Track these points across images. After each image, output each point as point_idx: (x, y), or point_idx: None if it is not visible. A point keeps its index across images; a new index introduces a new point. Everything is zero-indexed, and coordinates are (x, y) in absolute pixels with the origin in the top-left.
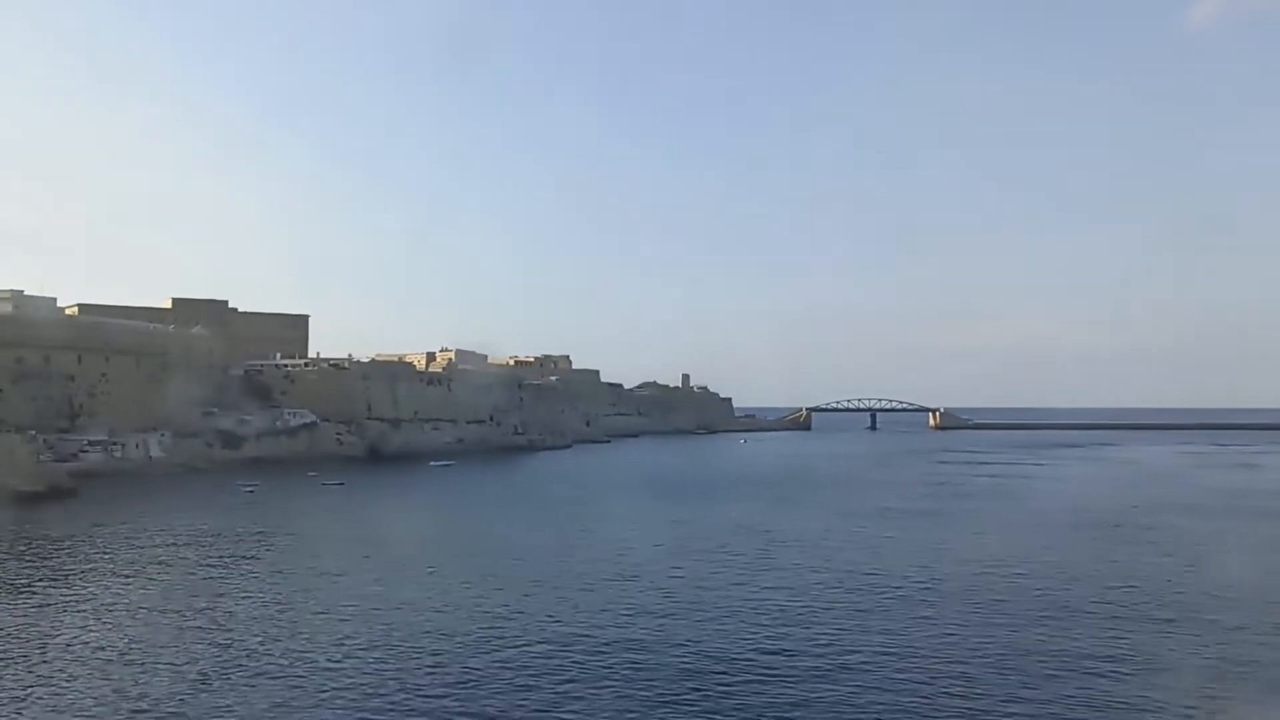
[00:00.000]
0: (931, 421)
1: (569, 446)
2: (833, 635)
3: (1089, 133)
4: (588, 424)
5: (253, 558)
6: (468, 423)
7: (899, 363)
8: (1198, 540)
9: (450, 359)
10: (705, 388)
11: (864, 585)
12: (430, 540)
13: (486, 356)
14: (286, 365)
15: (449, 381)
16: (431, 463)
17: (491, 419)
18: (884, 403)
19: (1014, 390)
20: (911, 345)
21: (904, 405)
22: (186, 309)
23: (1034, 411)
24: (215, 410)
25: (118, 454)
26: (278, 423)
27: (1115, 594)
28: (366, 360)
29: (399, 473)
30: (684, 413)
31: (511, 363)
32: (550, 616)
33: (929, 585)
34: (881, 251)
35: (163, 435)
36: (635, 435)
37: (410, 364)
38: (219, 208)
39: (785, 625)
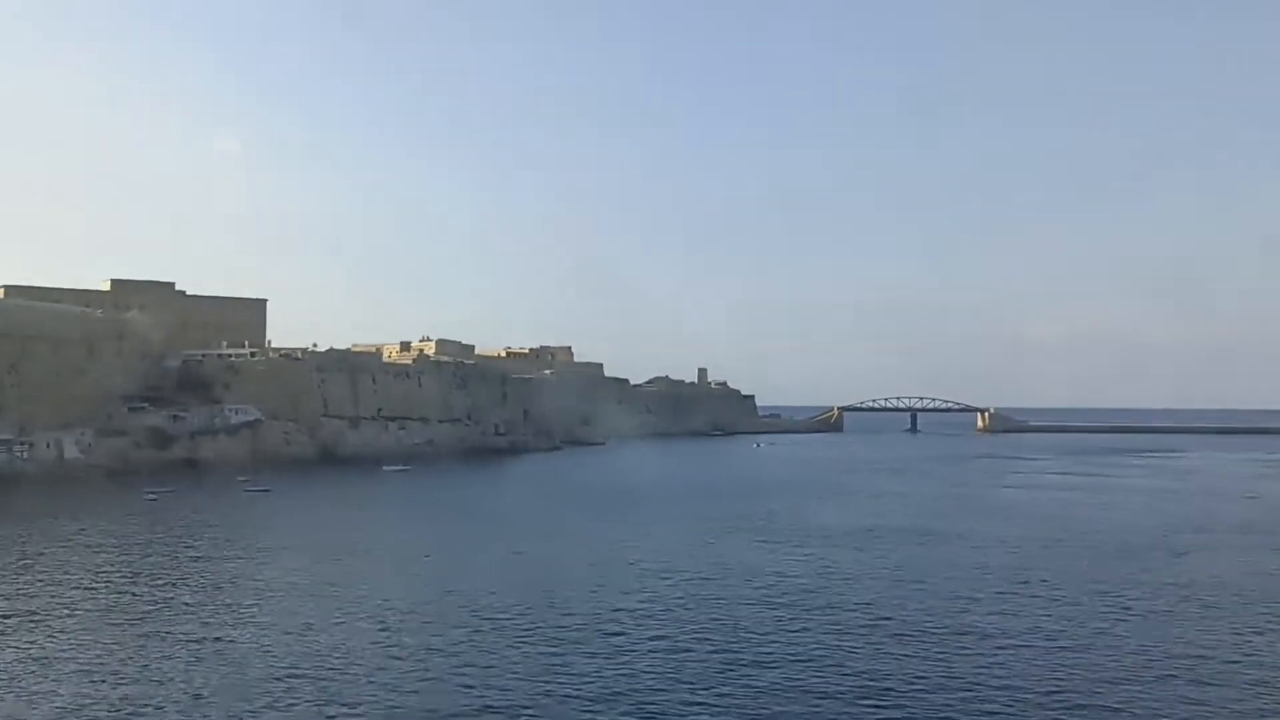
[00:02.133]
0: (980, 423)
1: (557, 449)
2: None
3: (1171, 104)
4: (585, 423)
5: (76, 586)
6: (440, 421)
7: (944, 358)
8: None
9: (423, 350)
10: (724, 384)
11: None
12: (299, 568)
13: (474, 348)
14: (230, 355)
15: (420, 375)
16: (385, 467)
17: (469, 417)
18: (926, 402)
19: (1077, 388)
20: (959, 338)
21: (949, 405)
22: (126, 291)
23: (1098, 413)
24: (146, 405)
25: (24, 455)
26: (216, 420)
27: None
28: (324, 351)
29: (344, 479)
30: (699, 412)
31: (503, 354)
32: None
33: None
34: (927, 236)
35: (82, 433)
36: (640, 437)
37: (375, 355)
38: (174, 181)
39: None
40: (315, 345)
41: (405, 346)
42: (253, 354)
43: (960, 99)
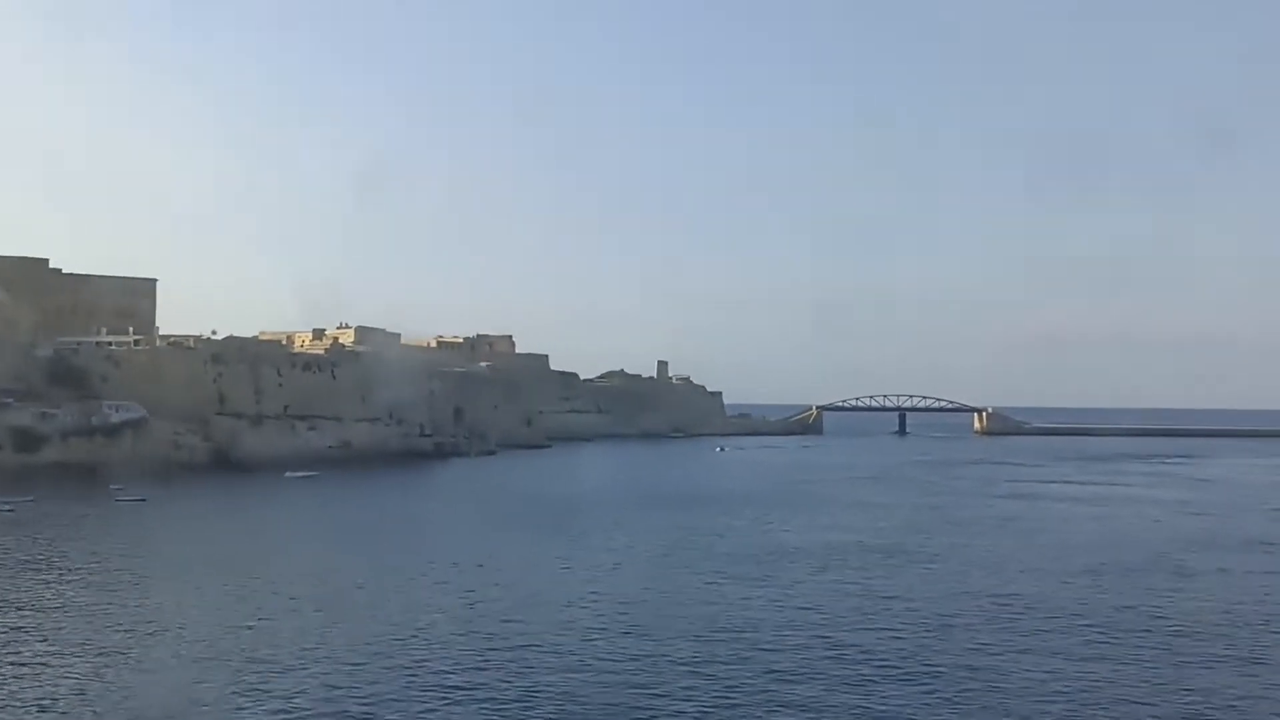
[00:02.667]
0: (977, 424)
1: (492, 453)
2: None
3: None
4: (527, 424)
5: None
6: (357, 421)
7: (939, 352)
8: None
9: (338, 339)
10: (688, 379)
11: None
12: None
13: (400, 336)
14: (110, 344)
15: (333, 367)
16: (288, 473)
17: (391, 416)
18: (916, 400)
19: (1087, 386)
20: (955, 330)
21: (942, 404)
22: None
23: (1109, 413)
24: (11, 401)
25: None
26: (94, 418)
27: None
28: (221, 339)
29: (237, 487)
30: (658, 410)
31: (433, 344)
32: None
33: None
34: (918, 220)
35: None
36: (590, 439)
37: (281, 345)
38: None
39: None
40: (214, 332)
41: (319, 335)
42: (136, 342)
43: (957, 77)
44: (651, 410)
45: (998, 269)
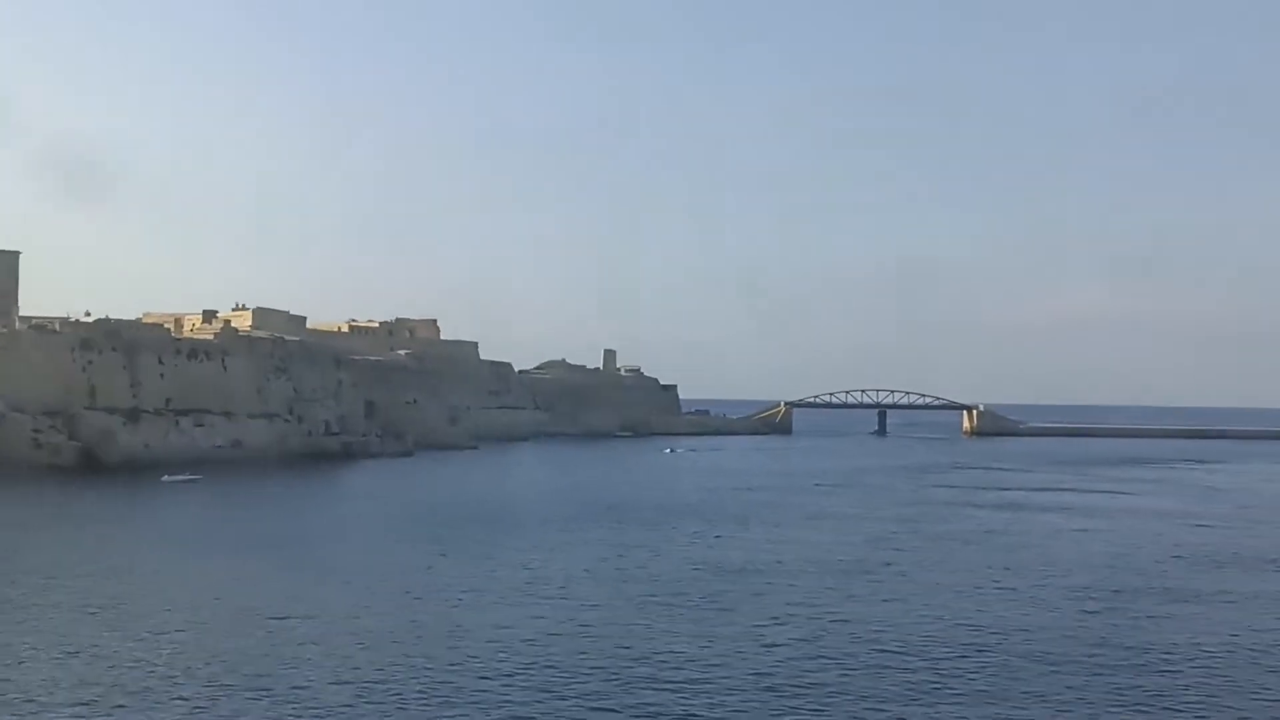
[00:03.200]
0: (966, 424)
1: (410, 454)
2: None
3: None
4: (452, 421)
5: None
6: (251, 417)
7: (926, 342)
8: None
9: (229, 323)
10: (638, 371)
11: None
12: None
13: (305, 320)
14: None
15: (224, 355)
16: (165, 477)
17: (292, 412)
18: (898, 397)
19: (1098, 382)
20: (944, 320)
21: (927, 401)
22: None
23: (1122, 411)
24: None
25: None
26: None
27: None
28: (92, 321)
29: (102, 493)
30: (604, 407)
31: (344, 329)
32: None
33: None
34: (906, 193)
35: None
36: (524, 439)
37: (166, 329)
38: None
39: None
40: (87, 314)
41: (210, 317)
42: None
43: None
44: (596, 407)
45: (994, 246)
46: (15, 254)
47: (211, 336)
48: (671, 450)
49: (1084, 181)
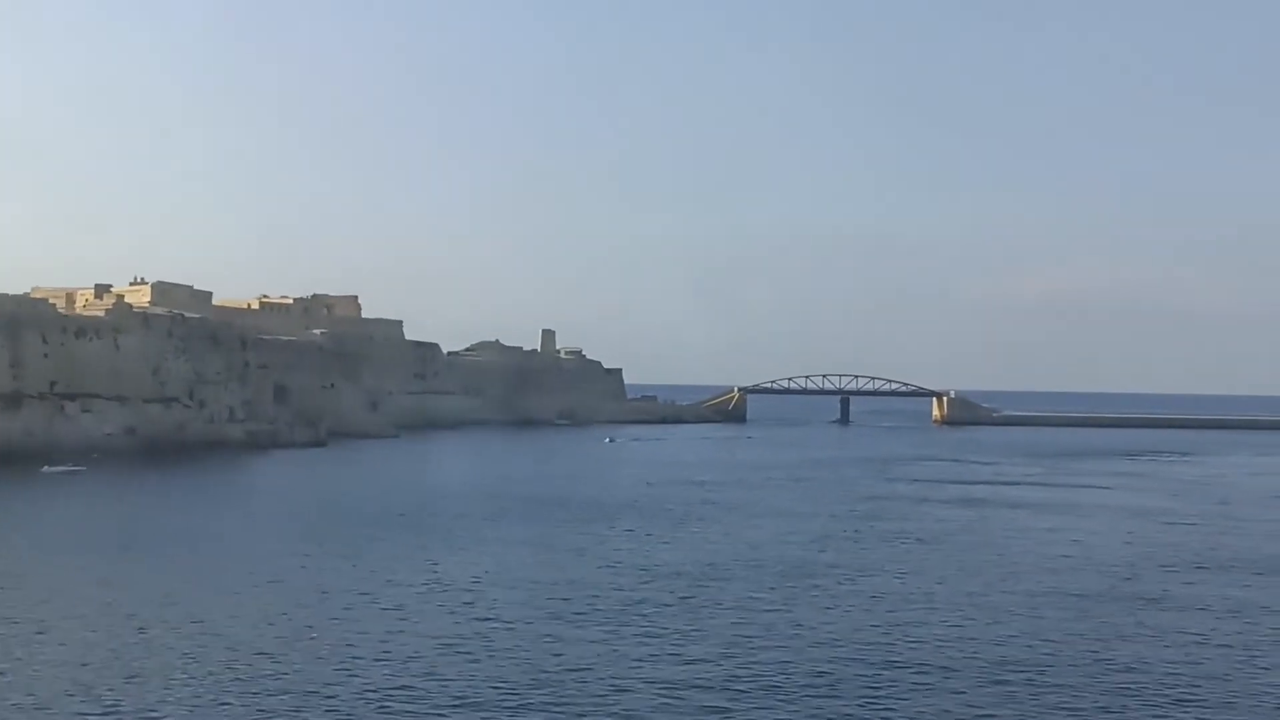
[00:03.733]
0: (936, 411)
1: (323, 443)
2: None
3: None
4: (374, 407)
5: None
6: (147, 402)
7: (893, 323)
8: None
9: (122, 298)
10: (580, 353)
11: None
12: None
13: (210, 295)
14: None
15: (116, 334)
16: (47, 468)
17: (192, 396)
18: (863, 382)
19: (1073, 366)
20: (915, 297)
21: (894, 386)
22: None
23: (1103, 397)
24: None
25: None
26: None
27: None
28: None
29: None
30: (541, 392)
31: (254, 306)
32: None
33: None
34: (869, 162)
35: None
36: (453, 426)
37: (51, 305)
38: None
39: None
40: None
41: (104, 292)
42: None
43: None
44: (532, 392)
45: (973, 219)
46: None
47: (103, 313)
48: (611, 440)
49: (1062, 155)
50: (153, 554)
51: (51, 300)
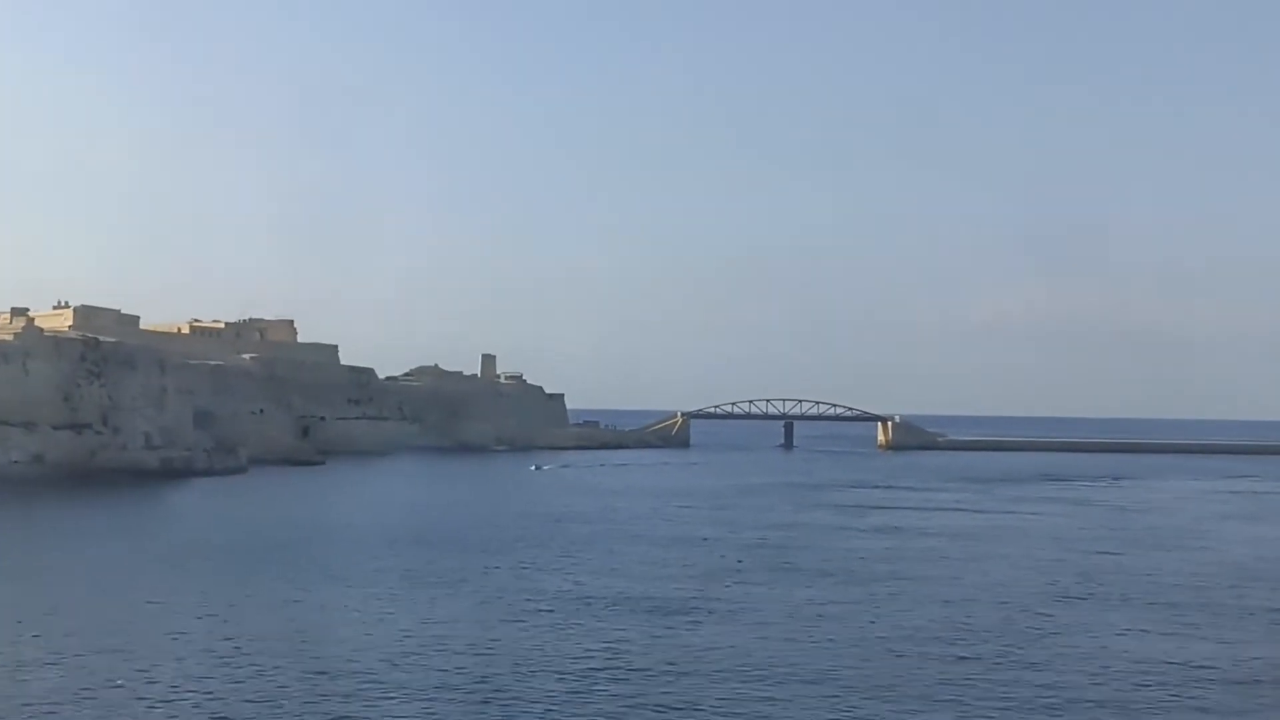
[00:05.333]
0: (881, 436)
1: (243, 470)
2: None
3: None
4: (305, 433)
5: None
6: (56, 429)
7: (840, 348)
8: None
9: (33, 321)
10: (520, 378)
11: None
12: None
13: (139, 318)
14: None
15: (25, 358)
16: None
17: (105, 423)
18: (808, 406)
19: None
20: (865, 321)
21: (839, 411)
22: None
23: (1049, 423)
24: None
25: None
26: None
27: None
28: None
29: None
30: (480, 418)
31: (184, 330)
32: None
33: None
34: (811, 179)
35: None
36: (387, 453)
37: None
38: None
39: None
40: None
41: (20, 314)
42: None
43: None
44: (471, 418)
45: (925, 245)
46: None
47: (11, 337)
48: (537, 467)
49: (1009, 178)
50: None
51: None
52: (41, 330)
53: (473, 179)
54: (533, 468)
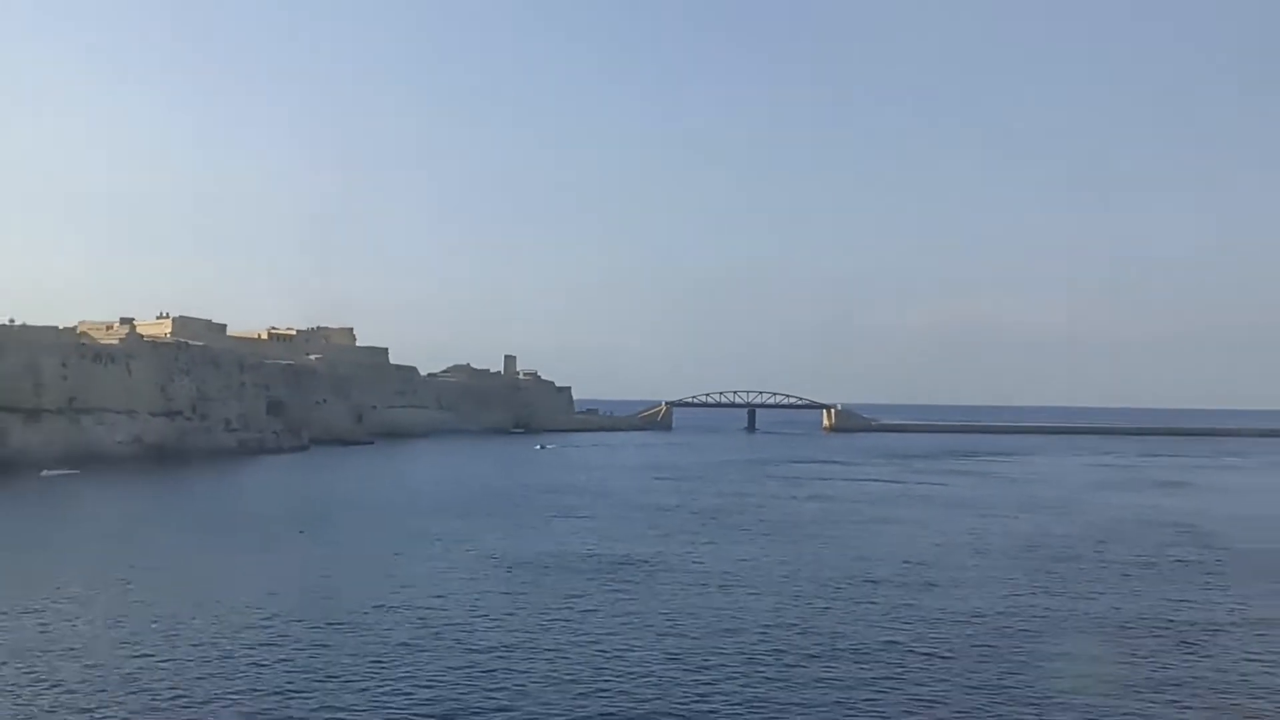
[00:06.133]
0: (825, 421)
1: (305, 449)
2: None
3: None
4: (359, 419)
5: None
6: (154, 415)
7: (799, 347)
8: None
9: (134, 328)
10: (535, 375)
11: None
12: None
13: (225, 327)
14: None
15: (129, 359)
16: (45, 472)
17: (194, 410)
18: (767, 397)
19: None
20: (813, 325)
21: (791, 401)
22: None
23: (975, 410)
24: None
25: None
26: None
27: None
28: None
29: None
30: (499, 406)
31: (263, 336)
32: None
33: None
34: (773, 204)
35: None
36: (424, 435)
37: (74, 333)
38: None
39: None
40: (12, 320)
41: (126, 323)
42: None
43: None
44: (494, 406)
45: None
46: None
47: (116, 341)
48: (542, 446)
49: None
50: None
51: (92, 331)
52: (142, 336)
53: (499, 209)
54: (538, 447)
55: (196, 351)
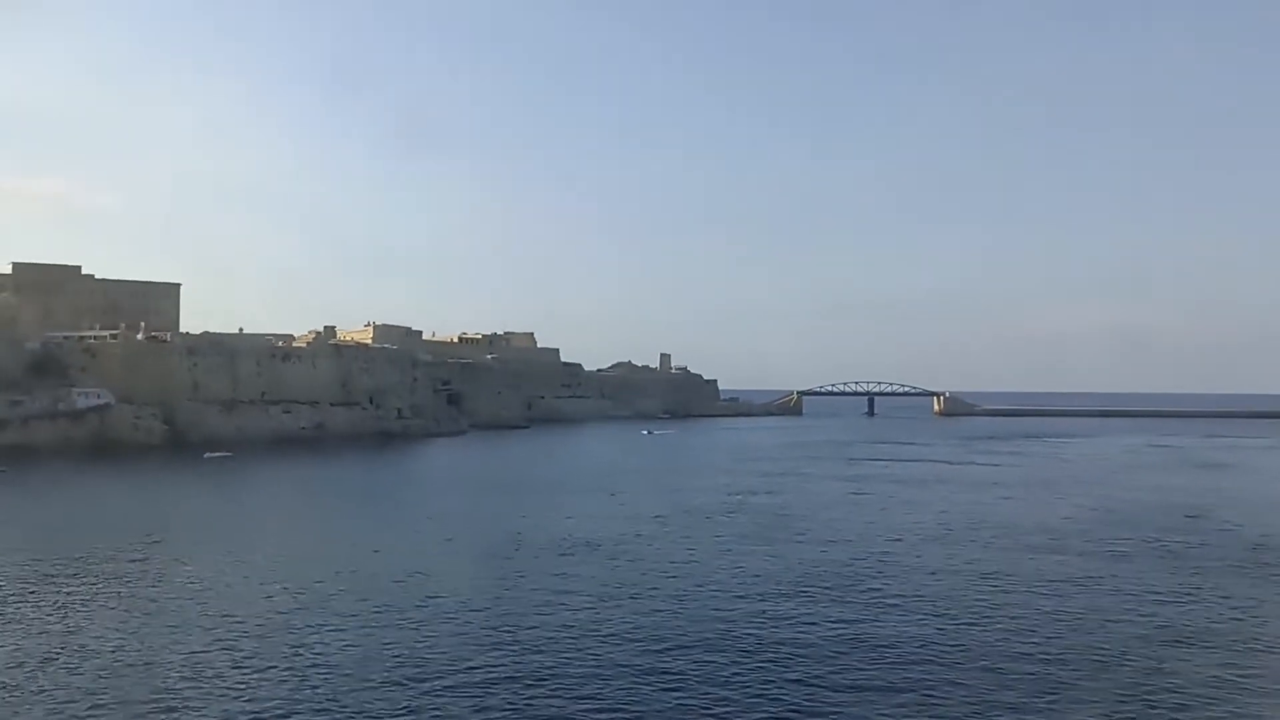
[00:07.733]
0: (936, 407)
1: (463, 433)
2: None
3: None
4: (529, 408)
5: None
6: (334, 405)
7: (913, 347)
8: None
9: (318, 333)
10: (685, 369)
11: None
12: None
13: (421, 333)
14: (90, 338)
15: (314, 358)
16: (206, 454)
17: (372, 401)
18: (885, 385)
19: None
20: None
21: (905, 389)
22: (27, 274)
23: (1064, 397)
24: None
25: None
26: (60, 404)
27: None
28: (198, 333)
29: (142, 466)
30: (653, 396)
31: (455, 341)
32: None
33: None
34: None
35: None
36: (581, 421)
37: (269, 340)
38: None
39: None
40: (240, 329)
41: (329, 333)
42: (113, 336)
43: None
44: (647, 395)
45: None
46: (176, 285)
47: (304, 344)
48: (649, 432)
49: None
50: (141, 521)
51: (308, 339)
52: (328, 340)
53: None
54: (644, 432)
55: (374, 352)
